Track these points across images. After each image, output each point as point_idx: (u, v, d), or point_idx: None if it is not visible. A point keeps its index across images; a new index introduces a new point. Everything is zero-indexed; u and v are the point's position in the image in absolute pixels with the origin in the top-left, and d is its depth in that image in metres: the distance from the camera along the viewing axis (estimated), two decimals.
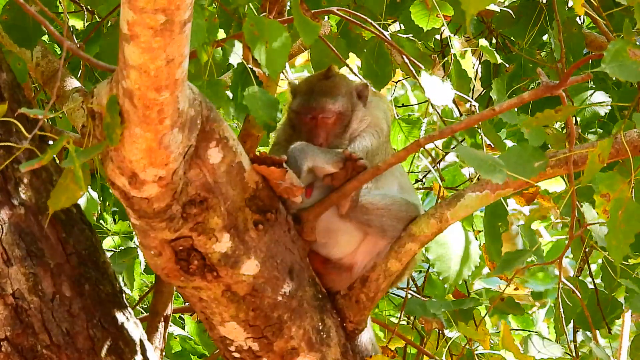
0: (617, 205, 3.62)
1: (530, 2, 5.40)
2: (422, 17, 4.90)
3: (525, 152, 3.68)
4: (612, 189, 3.63)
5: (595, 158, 3.64)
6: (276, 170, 3.95)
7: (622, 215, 3.61)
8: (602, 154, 3.64)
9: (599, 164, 3.65)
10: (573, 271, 8.05)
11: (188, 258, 3.92)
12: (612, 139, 3.68)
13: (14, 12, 4.77)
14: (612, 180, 3.65)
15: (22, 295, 4.13)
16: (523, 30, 5.42)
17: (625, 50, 3.61)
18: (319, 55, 5.10)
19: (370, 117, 4.41)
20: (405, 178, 4.52)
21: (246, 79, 4.41)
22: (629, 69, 3.60)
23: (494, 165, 3.61)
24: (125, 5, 3.36)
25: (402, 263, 4.22)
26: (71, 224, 4.30)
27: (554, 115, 3.62)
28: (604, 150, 3.65)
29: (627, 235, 3.64)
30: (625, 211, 3.62)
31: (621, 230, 3.63)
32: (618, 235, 3.64)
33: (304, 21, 4.28)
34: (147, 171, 3.67)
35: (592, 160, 3.65)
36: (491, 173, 3.62)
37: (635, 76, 3.59)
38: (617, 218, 3.61)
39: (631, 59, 3.59)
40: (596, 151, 3.64)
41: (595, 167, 3.66)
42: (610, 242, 3.66)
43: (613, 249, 3.67)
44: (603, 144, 3.66)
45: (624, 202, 3.61)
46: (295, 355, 4.14)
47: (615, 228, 3.63)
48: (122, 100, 3.55)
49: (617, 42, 3.65)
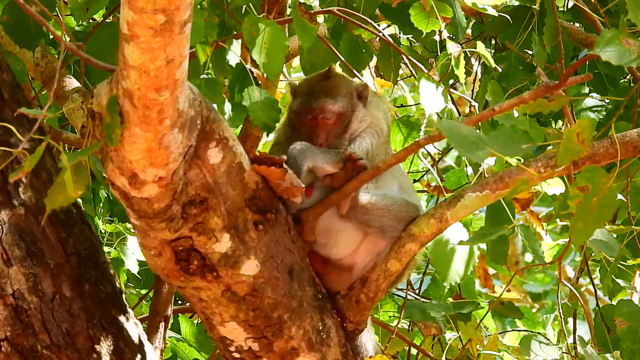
0: (595, 192, 3.50)
1: (522, 7, 5.41)
2: (421, 19, 4.91)
3: (516, 134, 3.53)
4: (592, 182, 3.49)
5: (573, 137, 3.45)
6: (276, 171, 3.95)
7: (597, 201, 3.50)
8: (582, 134, 3.44)
9: (578, 145, 3.45)
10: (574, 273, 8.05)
11: (188, 258, 3.92)
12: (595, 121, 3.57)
13: (15, 13, 4.77)
14: (593, 174, 3.51)
15: (22, 295, 4.13)
16: (514, 34, 5.43)
17: (618, 38, 3.59)
18: (310, 57, 5.10)
19: (370, 118, 4.42)
20: (405, 178, 4.52)
21: (244, 80, 4.42)
22: (622, 54, 3.57)
23: (476, 144, 3.39)
24: (125, 6, 3.36)
25: (402, 263, 4.23)
26: (71, 224, 4.31)
27: (547, 104, 3.55)
28: (584, 130, 3.44)
29: (596, 220, 3.52)
30: (602, 198, 3.50)
31: (591, 214, 3.53)
32: (586, 218, 3.52)
33: (303, 23, 4.28)
34: (147, 171, 3.67)
35: (568, 139, 3.44)
36: (472, 151, 3.39)
37: (628, 61, 3.56)
38: (591, 203, 3.49)
39: (625, 47, 3.57)
40: (574, 129, 3.44)
41: (572, 149, 3.45)
42: (576, 223, 3.53)
43: (577, 231, 3.54)
44: (583, 122, 3.46)
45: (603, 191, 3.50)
46: (295, 355, 4.14)
47: (586, 211, 3.50)
48: (122, 100, 3.55)
49: (611, 30, 3.63)
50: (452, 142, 3.42)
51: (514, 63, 5.35)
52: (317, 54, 5.05)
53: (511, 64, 5.35)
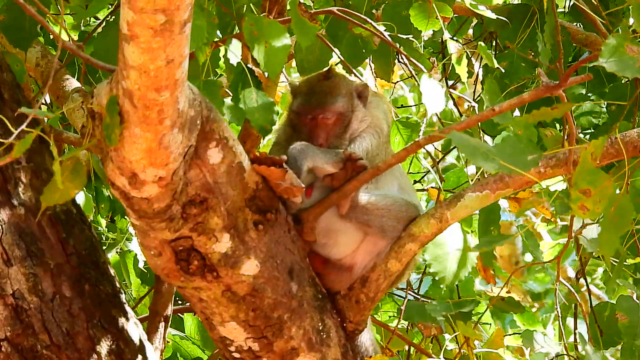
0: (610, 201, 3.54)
1: (522, 6, 5.40)
2: (421, 20, 4.90)
3: (520, 144, 3.58)
4: (593, 186, 3.53)
5: (588, 157, 3.56)
6: (276, 171, 3.95)
7: (615, 210, 3.54)
8: (595, 153, 3.56)
9: (591, 163, 3.56)
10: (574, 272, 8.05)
11: (188, 258, 3.92)
12: (605, 137, 3.61)
13: (11, 13, 4.76)
14: (594, 177, 3.54)
15: (22, 295, 4.13)
16: (515, 33, 5.42)
17: (622, 46, 3.59)
18: (304, 55, 5.09)
19: (370, 118, 4.42)
20: (405, 178, 4.52)
21: (245, 80, 4.42)
22: (626, 64, 3.57)
23: (487, 154, 3.48)
24: (125, 6, 3.36)
25: (402, 263, 4.23)
26: (71, 224, 4.31)
27: (550, 113, 3.57)
28: (597, 149, 3.56)
29: (618, 228, 3.57)
30: (618, 206, 3.54)
31: (613, 224, 3.58)
32: (610, 229, 3.57)
33: (302, 22, 4.28)
34: (147, 171, 3.67)
35: (584, 159, 3.56)
36: (484, 161, 3.47)
37: (632, 71, 3.56)
38: (610, 213, 3.55)
39: (629, 54, 3.56)
40: (589, 149, 3.55)
41: (587, 167, 3.57)
42: (602, 236, 3.59)
43: (605, 244, 3.60)
44: (596, 142, 3.56)
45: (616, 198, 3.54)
46: (295, 355, 4.14)
47: (608, 222, 3.57)
48: (122, 100, 3.55)
49: (615, 36, 3.63)
50: (465, 153, 3.49)
51: (516, 61, 5.35)
52: (312, 50, 5.04)
53: (513, 62, 5.35)
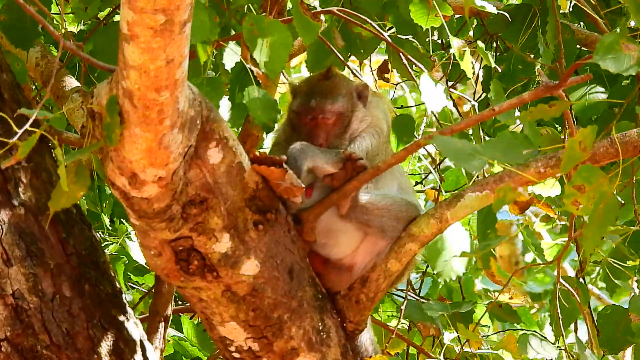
0: (600, 199, 3.53)
1: (524, 6, 5.40)
2: (421, 16, 4.90)
3: (516, 140, 3.56)
4: (588, 182, 3.51)
5: (575, 145, 3.49)
6: (276, 171, 3.95)
7: (602, 207, 3.53)
8: (584, 142, 3.49)
9: (580, 152, 3.50)
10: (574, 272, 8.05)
11: (188, 258, 3.92)
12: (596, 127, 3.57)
13: (12, 13, 4.76)
14: (589, 173, 3.52)
15: (22, 295, 4.13)
16: (517, 33, 5.42)
17: (618, 44, 3.57)
18: (316, 55, 5.10)
19: (370, 118, 4.42)
20: (405, 178, 4.52)
21: (244, 79, 4.41)
22: (621, 61, 3.56)
23: (472, 155, 3.43)
24: (125, 6, 3.36)
25: (402, 263, 4.23)
26: (71, 224, 4.30)
27: (549, 110, 3.56)
28: (585, 138, 3.50)
29: (602, 227, 3.56)
30: (606, 205, 3.53)
31: (598, 222, 3.57)
32: (594, 226, 3.56)
33: (304, 20, 4.28)
34: (147, 171, 3.68)
35: (570, 147, 3.49)
36: (467, 162, 3.43)
37: (627, 67, 3.55)
38: (598, 210, 3.53)
39: (624, 52, 3.55)
40: (576, 138, 3.50)
41: (575, 156, 3.51)
42: (587, 232, 3.58)
43: (588, 240, 3.59)
44: (585, 131, 3.51)
45: (606, 195, 3.52)
46: (295, 355, 4.14)
47: (594, 219, 3.55)
48: (122, 100, 3.55)
49: (611, 35, 3.62)
50: (447, 155, 3.46)
51: (514, 63, 5.35)
52: (324, 53, 5.04)
53: (511, 64, 5.35)
